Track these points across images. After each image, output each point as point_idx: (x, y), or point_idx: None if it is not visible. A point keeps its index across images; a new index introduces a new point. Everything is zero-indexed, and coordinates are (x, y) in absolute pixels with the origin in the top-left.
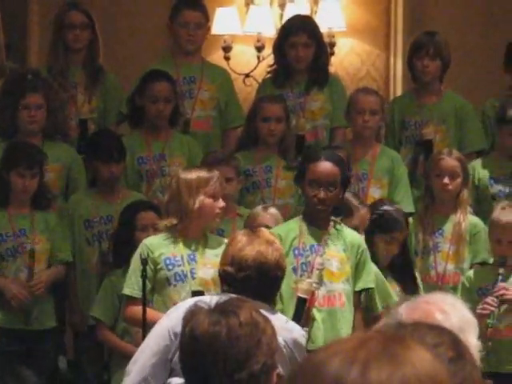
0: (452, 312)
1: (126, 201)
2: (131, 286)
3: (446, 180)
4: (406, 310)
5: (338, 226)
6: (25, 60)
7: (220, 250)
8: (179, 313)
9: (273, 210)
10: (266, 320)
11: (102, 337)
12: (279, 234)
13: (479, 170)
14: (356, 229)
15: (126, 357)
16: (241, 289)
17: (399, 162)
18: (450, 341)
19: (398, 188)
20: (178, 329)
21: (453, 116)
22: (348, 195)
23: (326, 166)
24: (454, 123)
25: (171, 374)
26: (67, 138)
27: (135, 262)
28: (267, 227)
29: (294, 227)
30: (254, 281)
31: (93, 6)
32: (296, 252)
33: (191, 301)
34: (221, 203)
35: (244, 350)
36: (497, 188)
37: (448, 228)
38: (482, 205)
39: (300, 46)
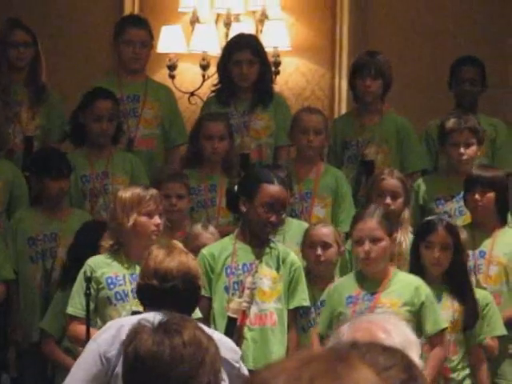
0: (394, 331)
1: (70, 218)
2: (74, 305)
3: (388, 200)
4: (349, 329)
5: (272, 245)
6: None
7: None
8: (108, 335)
9: (212, 229)
10: (209, 339)
11: (48, 350)
12: (213, 253)
13: (423, 190)
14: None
15: None
16: (165, 301)
17: (343, 180)
18: (403, 363)
19: (341, 207)
20: (111, 353)
21: (394, 136)
22: None
23: (279, 189)
24: (395, 143)
25: None
26: (11, 155)
27: (79, 281)
28: None
29: (228, 245)
30: (181, 291)
31: (35, 23)
32: (228, 271)
33: (119, 321)
34: (156, 220)
35: (187, 370)
36: (441, 209)
37: None
38: None
39: (244, 64)
